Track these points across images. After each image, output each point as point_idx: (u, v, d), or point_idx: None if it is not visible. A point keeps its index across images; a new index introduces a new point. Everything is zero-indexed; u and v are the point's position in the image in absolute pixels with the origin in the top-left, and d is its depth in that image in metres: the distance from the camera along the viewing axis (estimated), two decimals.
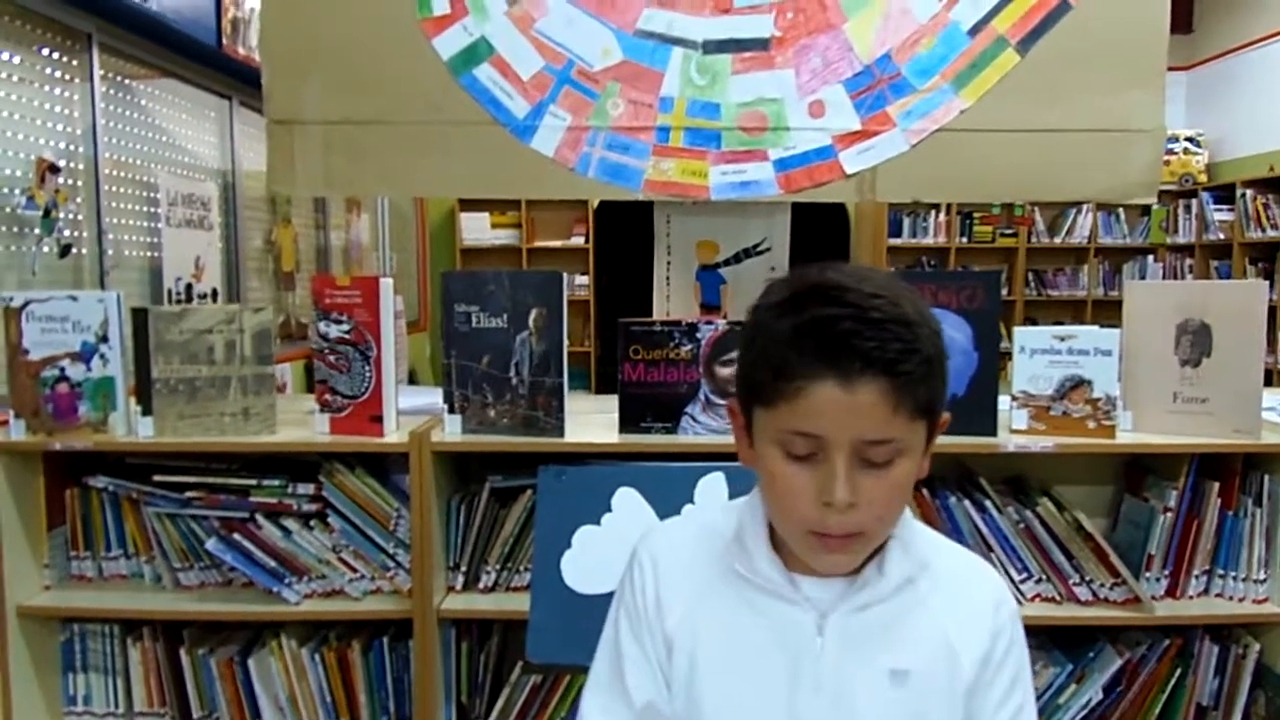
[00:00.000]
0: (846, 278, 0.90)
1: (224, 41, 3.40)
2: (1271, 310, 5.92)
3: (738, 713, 0.95)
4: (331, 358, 1.95)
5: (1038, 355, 1.92)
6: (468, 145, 2.22)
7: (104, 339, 1.93)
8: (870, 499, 0.89)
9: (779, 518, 0.96)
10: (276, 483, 1.97)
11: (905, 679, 0.95)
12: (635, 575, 1.06)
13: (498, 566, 1.98)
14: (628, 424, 1.94)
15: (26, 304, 1.92)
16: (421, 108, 2.22)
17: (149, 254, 3.26)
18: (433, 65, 2.22)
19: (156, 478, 1.99)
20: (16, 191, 2.54)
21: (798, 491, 0.90)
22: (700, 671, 0.99)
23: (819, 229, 2.88)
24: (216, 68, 3.63)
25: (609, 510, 1.55)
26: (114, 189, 3.04)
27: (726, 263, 2.77)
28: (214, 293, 3.64)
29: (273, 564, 1.96)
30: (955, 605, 0.99)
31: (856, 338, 0.86)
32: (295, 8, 2.23)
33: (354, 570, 1.99)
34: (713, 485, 1.54)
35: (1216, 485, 1.91)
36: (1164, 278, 7.13)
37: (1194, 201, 6.94)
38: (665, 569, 1.04)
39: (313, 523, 1.99)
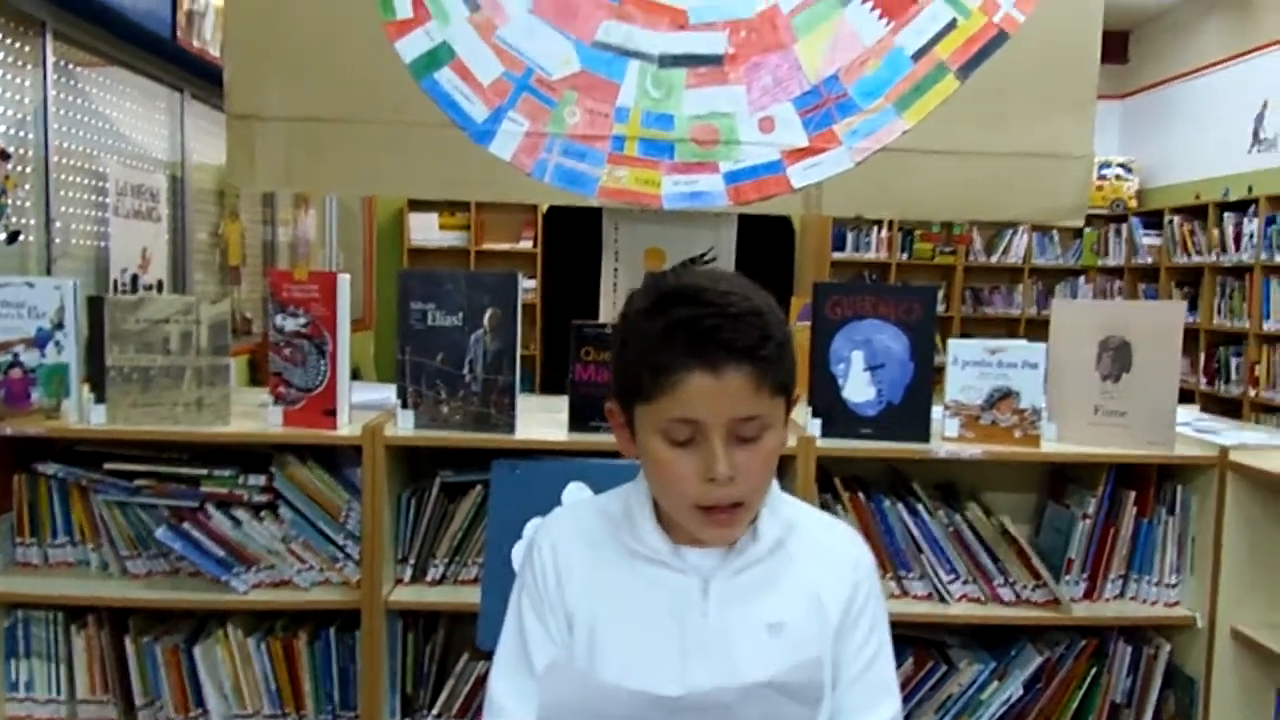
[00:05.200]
0: (701, 279, 1.03)
1: (178, 34, 3.39)
2: (1194, 332, 6.19)
3: (635, 674, 1.04)
4: (287, 350, 1.98)
5: (970, 367, 2.01)
6: (427, 147, 2.26)
7: (59, 326, 1.94)
8: (747, 470, 1.01)
9: (668, 499, 1.06)
10: (228, 473, 1.99)
11: (781, 630, 1.06)
12: (535, 559, 1.14)
13: (446, 560, 2.03)
14: (577, 422, 1.99)
15: None
16: (383, 108, 2.26)
17: (96, 244, 3.24)
18: (394, 67, 2.26)
19: (107, 465, 1.99)
20: None
21: (683, 473, 1.01)
22: (599, 639, 1.08)
23: (764, 241, 2.95)
24: (170, 60, 3.62)
25: (559, 503, 1.59)
26: (63, 177, 3.02)
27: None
28: (159, 284, 3.62)
29: (221, 553, 1.98)
30: (820, 561, 1.11)
31: (720, 331, 0.98)
32: (259, 3, 2.26)
33: (303, 561, 2.02)
34: None
35: (1133, 494, 2.02)
36: (1094, 298, 7.35)
37: (1124, 226, 7.18)
38: (563, 551, 1.13)
39: (263, 513, 2.01)
